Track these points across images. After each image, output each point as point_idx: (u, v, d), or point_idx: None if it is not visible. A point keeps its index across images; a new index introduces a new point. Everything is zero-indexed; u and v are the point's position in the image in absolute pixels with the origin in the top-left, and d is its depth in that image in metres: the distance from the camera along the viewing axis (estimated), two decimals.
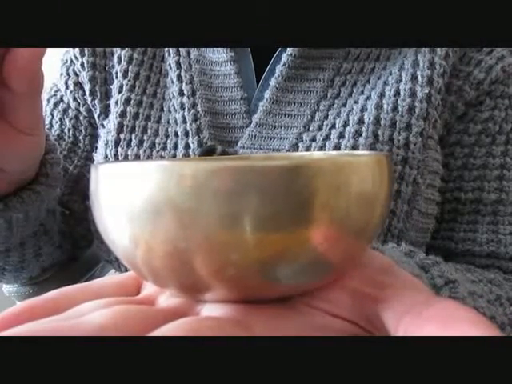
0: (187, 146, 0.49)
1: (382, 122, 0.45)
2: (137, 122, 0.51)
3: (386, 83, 0.47)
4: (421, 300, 0.18)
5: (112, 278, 0.23)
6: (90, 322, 0.17)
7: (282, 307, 0.20)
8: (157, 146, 0.50)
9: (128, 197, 0.17)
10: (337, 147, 0.45)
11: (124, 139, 0.51)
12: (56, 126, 0.57)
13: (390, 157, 0.21)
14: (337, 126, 0.46)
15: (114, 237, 0.19)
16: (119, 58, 0.54)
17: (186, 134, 0.49)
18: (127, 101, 0.52)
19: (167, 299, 0.21)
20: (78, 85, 0.56)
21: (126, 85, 0.53)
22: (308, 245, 0.17)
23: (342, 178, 0.17)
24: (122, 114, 0.52)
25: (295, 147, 0.46)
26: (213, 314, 0.19)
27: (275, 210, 0.16)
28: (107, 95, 0.55)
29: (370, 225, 0.19)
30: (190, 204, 0.16)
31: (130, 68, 0.53)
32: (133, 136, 0.51)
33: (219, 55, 0.52)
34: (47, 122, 0.58)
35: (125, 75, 0.53)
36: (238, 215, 0.16)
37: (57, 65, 0.59)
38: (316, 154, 0.28)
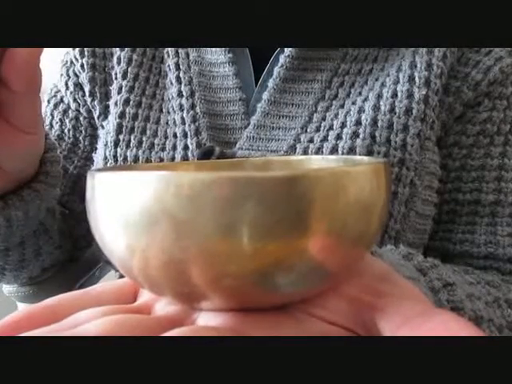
0: (186, 147, 0.49)
1: (380, 124, 0.45)
2: (136, 123, 0.51)
3: (383, 84, 0.47)
4: (419, 311, 0.18)
5: (109, 284, 0.23)
6: (87, 332, 0.17)
7: (279, 315, 0.20)
8: (156, 146, 0.50)
9: (124, 206, 0.17)
10: (334, 149, 0.45)
11: (123, 140, 0.51)
12: (56, 126, 0.57)
13: (388, 163, 0.21)
14: (334, 127, 0.46)
15: (110, 245, 0.19)
16: (119, 59, 0.54)
17: (185, 135, 0.49)
18: (126, 102, 0.52)
19: (164, 307, 0.21)
20: (78, 86, 0.56)
21: (126, 86, 0.53)
22: (306, 254, 0.17)
23: (339, 187, 0.17)
24: (121, 115, 0.52)
25: (293, 148, 0.46)
26: (210, 323, 0.19)
27: (273, 219, 0.17)
28: (107, 96, 0.55)
29: (368, 233, 0.19)
30: (186, 214, 0.16)
31: (129, 69, 0.53)
32: (132, 137, 0.51)
33: (218, 57, 0.52)
34: (47, 122, 0.58)
35: (124, 76, 0.53)
36: (236, 225, 0.16)
37: (57, 66, 0.59)
38: (314, 158, 0.28)
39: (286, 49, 0.49)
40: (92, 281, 0.63)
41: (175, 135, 0.50)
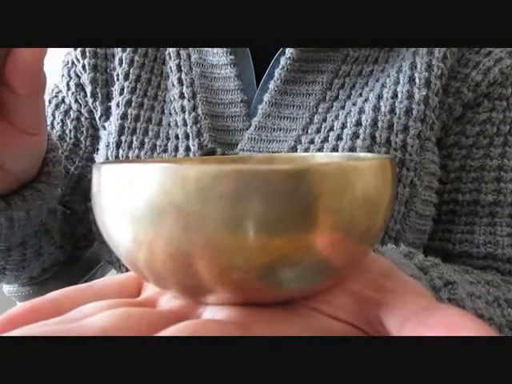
0: (188, 149, 0.49)
1: (380, 124, 0.45)
2: (138, 124, 0.51)
3: (383, 85, 0.47)
4: (424, 306, 0.18)
5: (113, 278, 0.23)
6: (92, 325, 0.17)
7: (284, 310, 0.20)
8: (158, 148, 0.50)
9: (131, 198, 0.17)
10: (334, 149, 0.45)
11: (125, 141, 0.51)
12: (57, 127, 0.58)
13: (394, 160, 0.21)
14: (335, 128, 0.46)
15: (116, 238, 0.19)
16: (120, 60, 0.54)
17: (187, 136, 0.49)
18: (128, 103, 0.52)
19: (169, 301, 0.21)
20: (80, 86, 0.56)
21: (127, 87, 0.53)
22: (312, 249, 0.17)
23: (347, 182, 0.17)
24: (123, 116, 0.52)
25: (294, 150, 0.46)
26: (215, 317, 0.19)
27: (279, 213, 0.16)
28: (108, 97, 0.55)
29: (373, 228, 0.19)
30: (193, 207, 0.16)
31: (131, 70, 0.53)
32: (134, 138, 0.51)
33: (219, 58, 0.52)
34: (48, 122, 0.58)
35: (126, 77, 0.53)
36: (242, 219, 0.16)
37: (58, 66, 0.59)
38: (318, 156, 0.28)
39: (286, 51, 0.49)
40: (93, 280, 0.63)
41: (177, 137, 0.50)
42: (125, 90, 0.53)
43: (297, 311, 0.20)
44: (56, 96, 0.59)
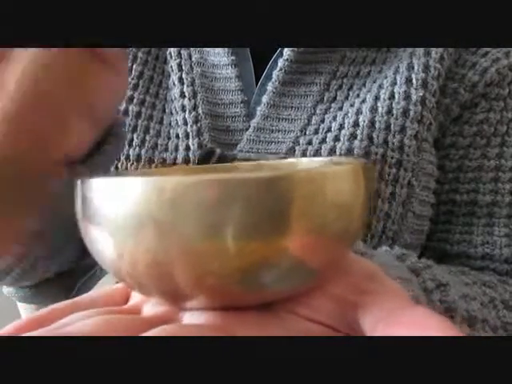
0: (187, 148, 0.49)
1: (377, 125, 0.45)
2: (139, 121, 0.51)
3: (381, 86, 0.47)
4: (398, 307, 0.19)
5: (101, 291, 0.24)
6: (73, 332, 0.17)
7: (263, 313, 0.20)
8: (159, 147, 0.50)
9: (110, 211, 0.18)
10: (332, 150, 0.45)
11: (126, 138, 0.51)
12: None
13: (368, 163, 0.22)
14: (332, 129, 0.46)
15: (99, 249, 0.20)
16: None
17: (187, 135, 0.49)
18: (130, 99, 0.52)
19: (152, 307, 0.21)
20: None
21: (130, 83, 0.53)
22: (287, 252, 0.18)
23: (317, 188, 0.18)
24: (124, 113, 0.52)
25: (292, 151, 0.46)
26: (195, 321, 0.20)
27: (253, 220, 0.17)
28: None
29: (348, 231, 0.20)
30: (169, 217, 0.17)
31: (134, 66, 0.53)
32: (134, 135, 0.51)
33: (220, 59, 0.52)
34: None
35: (129, 73, 0.54)
36: (217, 227, 0.17)
37: None
38: (303, 161, 0.29)
39: (284, 52, 0.49)
40: (92, 280, 0.64)
41: (177, 136, 0.50)
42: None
43: (276, 314, 0.20)
44: None
